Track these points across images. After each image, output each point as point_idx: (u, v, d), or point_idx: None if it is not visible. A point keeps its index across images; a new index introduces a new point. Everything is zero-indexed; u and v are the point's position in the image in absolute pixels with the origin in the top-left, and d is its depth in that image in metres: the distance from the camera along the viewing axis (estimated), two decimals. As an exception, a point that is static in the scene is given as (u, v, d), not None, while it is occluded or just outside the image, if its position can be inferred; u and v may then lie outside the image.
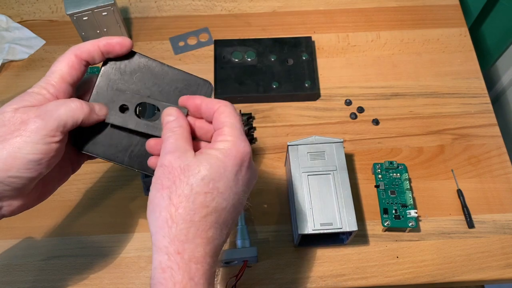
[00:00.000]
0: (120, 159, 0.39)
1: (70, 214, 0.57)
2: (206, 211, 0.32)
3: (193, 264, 0.31)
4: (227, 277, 0.53)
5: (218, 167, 0.32)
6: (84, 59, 0.37)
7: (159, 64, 0.40)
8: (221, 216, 0.32)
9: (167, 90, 0.39)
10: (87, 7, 0.60)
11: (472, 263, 0.54)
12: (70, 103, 0.35)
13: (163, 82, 0.39)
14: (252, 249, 0.51)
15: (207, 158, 0.33)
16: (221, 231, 0.33)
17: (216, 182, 0.32)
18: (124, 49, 0.38)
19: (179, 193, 0.32)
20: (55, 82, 0.36)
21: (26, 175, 0.34)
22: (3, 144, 0.33)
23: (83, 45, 0.37)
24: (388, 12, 0.74)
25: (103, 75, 0.39)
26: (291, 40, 0.68)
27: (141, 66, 0.39)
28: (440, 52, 0.70)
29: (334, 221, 0.50)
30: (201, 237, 0.32)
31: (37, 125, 0.33)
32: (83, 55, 0.36)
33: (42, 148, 0.34)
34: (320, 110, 0.65)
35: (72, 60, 0.36)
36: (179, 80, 0.40)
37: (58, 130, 0.34)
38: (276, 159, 0.61)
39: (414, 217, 0.54)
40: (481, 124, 0.64)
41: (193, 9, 0.74)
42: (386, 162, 0.58)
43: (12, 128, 0.33)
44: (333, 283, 0.53)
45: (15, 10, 0.73)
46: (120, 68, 0.39)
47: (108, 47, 0.37)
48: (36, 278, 0.53)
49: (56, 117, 0.34)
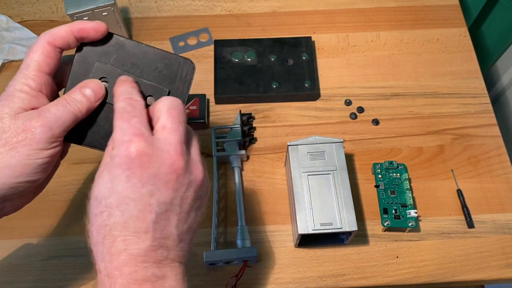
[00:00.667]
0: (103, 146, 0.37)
1: (70, 214, 0.57)
2: (105, 229, 0.31)
3: (106, 278, 0.32)
4: (227, 277, 0.53)
5: (105, 182, 0.32)
6: (58, 46, 0.36)
7: (136, 43, 0.38)
8: (126, 227, 0.31)
9: (146, 70, 0.38)
10: (87, 7, 0.60)
11: (472, 263, 0.54)
12: (69, 106, 0.35)
13: (142, 63, 0.38)
14: (252, 249, 0.51)
15: (101, 174, 0.32)
16: (137, 238, 0.31)
17: (107, 199, 0.31)
18: (98, 34, 0.36)
19: (88, 220, 0.33)
20: (34, 76, 0.35)
21: (34, 178, 0.35)
22: (12, 152, 0.33)
23: (56, 31, 0.35)
24: (388, 12, 0.74)
25: (78, 60, 0.37)
26: (291, 40, 0.68)
27: (118, 47, 0.37)
28: (440, 52, 0.70)
29: (334, 221, 0.50)
30: (109, 253, 0.31)
31: (44, 135, 0.34)
32: (56, 42, 0.35)
33: (49, 152, 0.34)
34: (320, 110, 0.65)
35: (46, 48, 0.35)
36: (159, 59, 0.38)
37: (62, 135, 0.35)
38: (276, 159, 0.61)
39: (414, 217, 0.54)
40: (481, 124, 0.64)
41: (193, 9, 0.74)
42: (386, 162, 0.58)
43: (16, 135, 0.33)
44: (333, 283, 0.53)
45: (15, 10, 0.74)
46: (95, 50, 0.37)
47: (82, 32, 0.36)
48: (36, 278, 0.53)
49: (61, 123, 0.35)
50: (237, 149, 0.60)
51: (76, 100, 0.36)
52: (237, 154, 0.59)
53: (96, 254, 0.32)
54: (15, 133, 0.33)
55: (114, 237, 0.31)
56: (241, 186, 0.58)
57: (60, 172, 0.59)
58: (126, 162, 0.31)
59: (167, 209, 0.32)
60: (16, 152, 0.33)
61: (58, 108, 0.35)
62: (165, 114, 0.34)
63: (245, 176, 0.60)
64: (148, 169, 0.32)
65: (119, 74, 0.37)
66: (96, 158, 0.60)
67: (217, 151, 0.59)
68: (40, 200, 0.58)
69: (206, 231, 0.56)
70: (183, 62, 0.38)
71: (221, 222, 0.57)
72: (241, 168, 0.59)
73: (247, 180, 0.59)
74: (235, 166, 0.58)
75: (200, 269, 0.54)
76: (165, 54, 0.38)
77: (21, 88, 0.35)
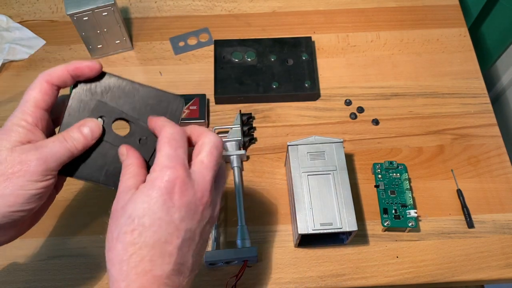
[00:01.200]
0: (96, 178, 0.39)
1: (70, 214, 0.57)
2: (134, 248, 0.32)
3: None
4: (227, 277, 0.53)
5: (142, 202, 0.33)
6: (55, 84, 0.38)
7: (129, 82, 0.40)
8: (155, 248, 0.33)
9: (138, 107, 0.40)
10: (87, 7, 0.60)
11: (472, 263, 0.54)
12: (66, 143, 0.37)
13: (134, 100, 0.40)
14: (252, 249, 0.51)
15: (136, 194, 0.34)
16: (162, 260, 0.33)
17: (140, 218, 0.33)
18: (93, 72, 0.38)
19: (112, 236, 0.33)
20: (31, 111, 0.37)
21: (27, 207, 0.36)
22: (7, 183, 0.34)
23: (53, 71, 0.37)
24: (388, 12, 0.74)
25: (74, 97, 0.39)
26: (291, 40, 0.68)
27: (112, 86, 0.40)
28: (440, 52, 0.70)
29: (334, 221, 0.50)
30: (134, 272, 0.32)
31: (40, 168, 0.35)
32: (54, 80, 0.37)
33: (43, 184, 0.36)
34: (320, 110, 0.65)
35: (44, 86, 0.37)
36: (151, 97, 0.40)
37: (56, 169, 0.36)
38: (276, 159, 0.61)
39: (414, 217, 0.54)
40: (480, 124, 0.64)
41: (193, 9, 0.74)
42: (386, 162, 0.58)
43: (11, 167, 0.35)
44: (333, 283, 0.53)
45: (15, 10, 0.74)
46: (91, 89, 0.39)
47: (77, 71, 0.38)
48: (36, 278, 0.53)
49: (57, 158, 0.36)
50: (237, 149, 0.60)
51: (74, 137, 0.37)
52: (237, 154, 0.59)
53: (118, 272, 0.33)
54: (11, 164, 0.35)
55: (142, 257, 0.32)
56: (241, 186, 0.58)
57: (60, 172, 0.60)
58: (168, 187, 0.33)
59: (190, 237, 0.35)
60: (10, 182, 0.34)
61: (55, 144, 0.36)
62: (207, 151, 0.36)
63: (245, 176, 0.60)
64: (184, 197, 0.34)
65: (116, 112, 0.40)
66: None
67: (217, 151, 0.59)
68: (40, 200, 0.58)
69: (206, 231, 0.56)
70: (173, 99, 0.40)
71: (221, 222, 0.57)
72: (241, 168, 0.59)
73: (247, 180, 0.59)
74: (235, 166, 0.58)
75: (200, 269, 0.54)
76: (156, 92, 0.40)
77: (19, 122, 0.36)
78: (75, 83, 0.39)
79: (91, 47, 0.67)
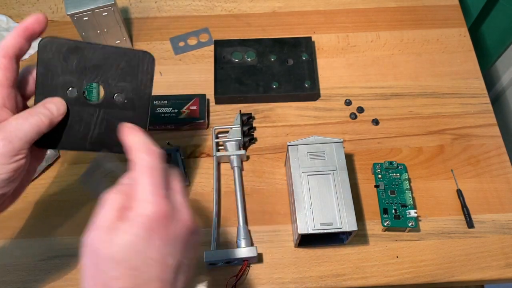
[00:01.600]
0: (82, 146, 0.39)
1: (70, 214, 0.57)
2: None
3: None
4: (227, 277, 0.53)
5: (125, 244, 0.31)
6: (13, 56, 0.36)
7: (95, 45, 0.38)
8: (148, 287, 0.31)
9: (109, 70, 0.38)
10: (88, 8, 0.60)
11: (472, 263, 0.54)
12: (31, 118, 0.35)
13: (103, 63, 0.38)
14: (252, 249, 0.51)
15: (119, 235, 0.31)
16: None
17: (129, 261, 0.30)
18: (42, 24, 0.37)
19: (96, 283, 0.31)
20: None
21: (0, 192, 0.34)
22: None
23: (5, 42, 0.35)
24: (388, 13, 0.74)
25: (40, 68, 0.37)
26: (291, 40, 0.68)
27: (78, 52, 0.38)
28: (440, 52, 0.70)
29: (334, 221, 0.50)
30: None
31: (5, 149, 0.33)
32: (10, 52, 0.35)
33: (12, 166, 0.34)
34: (320, 110, 0.65)
35: (1, 62, 0.35)
36: (119, 57, 0.38)
37: (24, 147, 0.34)
38: (276, 159, 0.61)
39: (414, 217, 0.54)
40: (480, 124, 0.64)
41: (193, 9, 0.74)
42: (386, 162, 0.58)
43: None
44: (333, 282, 0.53)
45: (15, 10, 0.74)
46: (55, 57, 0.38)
47: (28, 31, 0.36)
48: (36, 278, 0.53)
49: (22, 136, 0.34)
50: (237, 149, 0.60)
51: (39, 112, 0.35)
52: (237, 154, 0.59)
53: None
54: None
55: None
56: (241, 186, 0.58)
57: (60, 172, 0.60)
58: (151, 222, 0.31)
59: (179, 268, 0.33)
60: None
61: (18, 121, 0.34)
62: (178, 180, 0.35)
63: (245, 176, 0.60)
64: (169, 230, 0.32)
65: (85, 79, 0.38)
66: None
67: (217, 151, 0.59)
68: (40, 200, 0.58)
69: (206, 231, 0.56)
70: (142, 55, 0.39)
71: (221, 222, 0.57)
72: (241, 168, 0.59)
73: (247, 180, 0.60)
74: (235, 166, 0.58)
75: (200, 269, 0.54)
76: (124, 51, 0.38)
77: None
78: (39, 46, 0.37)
79: (91, 47, 0.67)
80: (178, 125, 0.62)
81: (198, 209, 0.58)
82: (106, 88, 0.39)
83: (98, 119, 0.39)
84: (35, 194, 0.58)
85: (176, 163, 0.58)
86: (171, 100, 0.62)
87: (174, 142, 0.61)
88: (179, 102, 0.62)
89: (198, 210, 0.58)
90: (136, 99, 0.39)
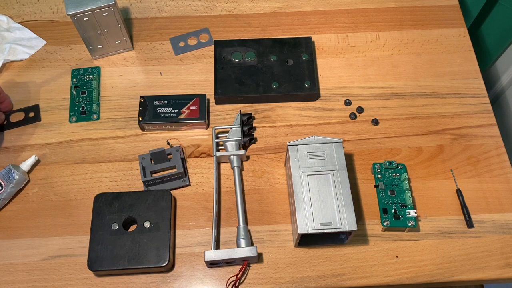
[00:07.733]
0: (121, 265, 0.51)
1: (70, 214, 0.57)
2: None
3: None
4: (227, 277, 0.53)
5: None
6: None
7: (128, 192, 0.55)
8: None
9: (140, 206, 0.55)
10: (88, 8, 0.61)
11: (471, 263, 0.54)
12: None
13: (136, 202, 0.55)
14: (252, 249, 0.52)
15: None
16: None
17: None
18: None
19: None
20: None
21: None
22: None
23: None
24: (388, 13, 0.74)
25: (94, 210, 0.54)
26: (291, 40, 0.68)
27: (118, 197, 0.55)
28: (440, 53, 0.70)
29: (333, 220, 0.50)
30: None
31: None
32: None
33: None
34: (320, 110, 0.65)
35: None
36: (146, 196, 0.55)
37: None
38: (276, 159, 0.61)
39: (414, 216, 0.55)
40: (480, 124, 0.64)
41: (194, 9, 0.74)
42: (385, 162, 0.58)
43: None
44: (332, 282, 0.53)
45: (16, 10, 0.74)
46: (105, 203, 0.55)
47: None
48: (36, 278, 0.53)
49: None
50: (237, 149, 0.60)
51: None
52: (237, 154, 0.59)
53: None
54: None
55: None
56: (241, 186, 0.58)
57: (60, 172, 0.60)
58: None
59: None
60: None
61: None
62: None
63: (245, 176, 0.60)
64: None
65: (124, 215, 0.54)
66: (96, 158, 0.61)
67: (217, 151, 0.59)
68: (40, 200, 0.58)
69: (206, 231, 0.56)
70: (162, 192, 0.56)
71: (221, 222, 0.57)
72: (241, 168, 0.59)
73: (247, 180, 0.60)
74: (235, 166, 0.59)
75: (200, 269, 0.54)
76: (150, 192, 0.56)
77: None
78: (94, 199, 0.55)
79: (92, 47, 0.67)
80: (178, 125, 0.62)
81: (198, 209, 0.58)
82: (138, 218, 0.54)
83: (133, 242, 0.52)
84: (35, 194, 0.58)
85: (176, 163, 0.58)
86: (171, 100, 0.63)
87: (174, 142, 0.62)
88: (179, 102, 0.62)
89: (198, 210, 0.58)
90: (160, 222, 0.54)
